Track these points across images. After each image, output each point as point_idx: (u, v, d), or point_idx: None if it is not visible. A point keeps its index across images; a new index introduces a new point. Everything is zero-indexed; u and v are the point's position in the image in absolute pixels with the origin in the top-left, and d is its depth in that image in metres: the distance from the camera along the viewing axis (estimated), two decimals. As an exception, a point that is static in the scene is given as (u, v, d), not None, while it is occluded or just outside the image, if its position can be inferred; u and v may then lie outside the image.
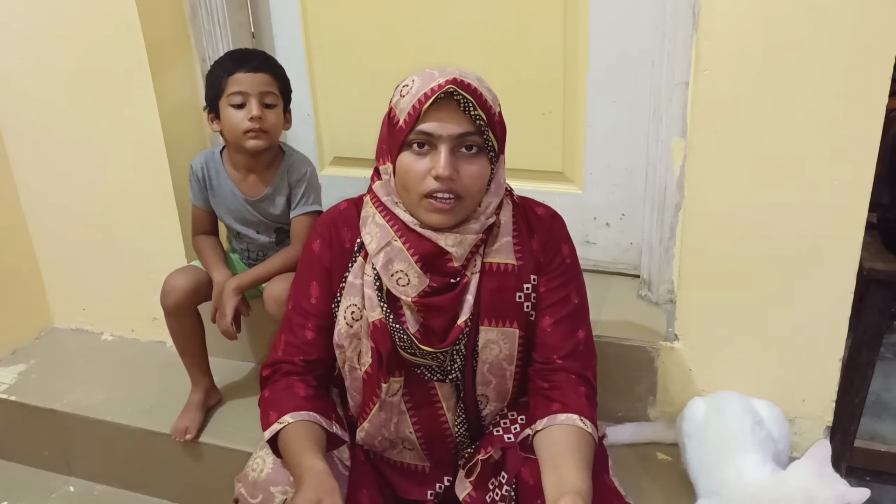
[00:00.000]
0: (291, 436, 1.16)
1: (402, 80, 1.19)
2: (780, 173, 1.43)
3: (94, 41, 1.86)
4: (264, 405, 1.24)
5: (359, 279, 1.24)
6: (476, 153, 1.16)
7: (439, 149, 1.13)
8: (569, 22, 1.75)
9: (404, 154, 1.16)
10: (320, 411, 1.23)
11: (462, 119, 1.13)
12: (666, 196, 1.66)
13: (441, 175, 1.12)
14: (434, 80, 1.13)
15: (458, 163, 1.14)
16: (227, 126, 1.61)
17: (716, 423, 1.45)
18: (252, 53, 1.65)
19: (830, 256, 1.45)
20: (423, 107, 1.12)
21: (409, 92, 1.15)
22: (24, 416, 1.94)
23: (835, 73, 1.34)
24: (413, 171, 1.15)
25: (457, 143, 1.14)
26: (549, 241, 1.27)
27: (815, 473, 1.27)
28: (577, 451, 1.12)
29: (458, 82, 1.12)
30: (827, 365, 1.52)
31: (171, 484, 1.83)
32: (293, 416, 1.18)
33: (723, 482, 1.37)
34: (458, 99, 1.12)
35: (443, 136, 1.13)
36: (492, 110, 1.16)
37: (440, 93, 1.11)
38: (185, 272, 1.70)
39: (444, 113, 1.13)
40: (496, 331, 1.23)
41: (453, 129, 1.13)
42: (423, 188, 1.15)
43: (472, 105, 1.13)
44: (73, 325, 2.26)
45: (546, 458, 1.13)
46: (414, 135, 1.14)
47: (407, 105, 1.14)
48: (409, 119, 1.13)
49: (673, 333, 1.64)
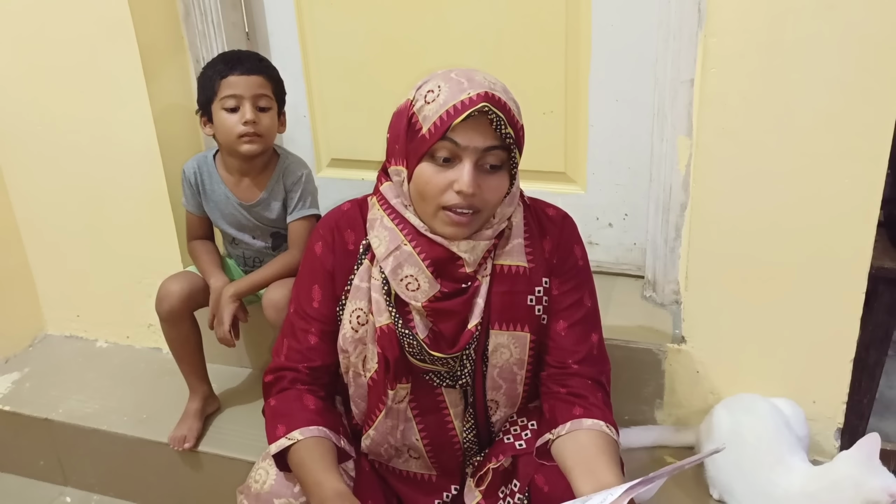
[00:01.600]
0: (307, 453, 1.14)
1: (424, 81, 1.14)
2: (789, 172, 1.41)
3: (86, 42, 1.83)
4: (271, 415, 1.22)
5: (365, 283, 1.22)
6: (498, 169, 1.13)
7: (463, 162, 1.10)
8: (571, 19, 1.73)
9: (425, 164, 1.12)
10: (330, 426, 1.20)
11: (490, 135, 1.10)
12: (671, 195, 1.64)
13: (465, 192, 1.09)
14: (463, 91, 1.08)
15: (480, 177, 1.11)
16: (221, 130, 1.57)
17: (750, 426, 1.42)
18: (245, 55, 1.61)
19: (841, 256, 1.43)
20: (452, 122, 1.07)
21: (436, 100, 1.09)
22: (19, 426, 1.91)
23: (845, 70, 1.32)
24: (434, 183, 1.12)
25: (481, 157, 1.11)
26: (561, 242, 1.25)
27: (863, 463, 1.27)
28: (611, 455, 1.10)
29: (490, 98, 1.07)
30: (838, 366, 1.50)
31: (169, 494, 1.80)
32: (303, 433, 1.16)
33: (772, 483, 1.35)
34: (491, 118, 1.08)
35: (468, 150, 1.09)
36: (518, 124, 1.13)
37: (473, 110, 1.07)
38: (181, 278, 1.67)
39: (472, 129, 1.09)
40: (507, 335, 1.21)
41: (481, 143, 1.09)
42: (442, 201, 1.12)
43: (504, 123, 1.09)
44: (67, 332, 2.23)
45: (577, 462, 1.10)
46: (439, 145, 1.09)
47: (432, 114, 1.09)
48: (434, 130, 1.09)
49: (680, 335, 1.61)
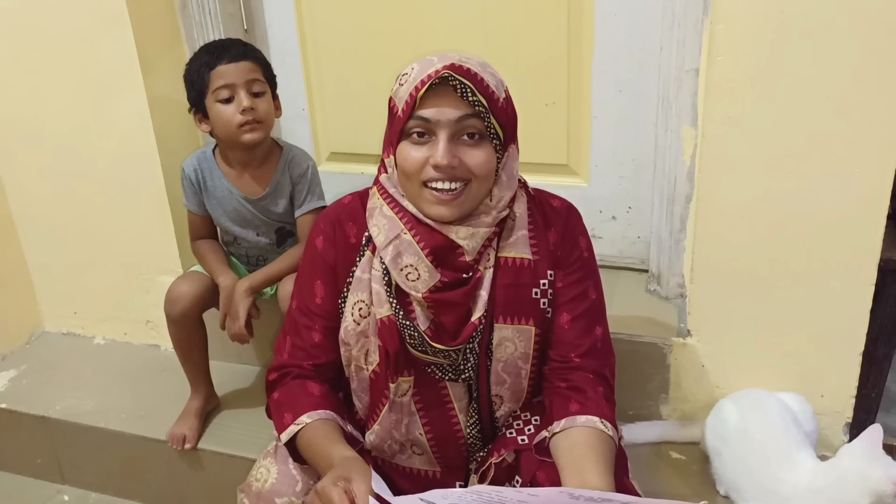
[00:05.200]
0: (314, 433, 1.13)
1: (403, 69, 1.15)
2: (797, 162, 1.38)
3: (81, 35, 1.81)
4: (276, 408, 1.20)
5: (366, 274, 1.20)
6: (479, 140, 1.11)
7: (438, 136, 1.09)
8: (573, 7, 1.71)
9: (403, 144, 1.12)
10: (336, 410, 1.20)
11: (460, 104, 1.09)
12: (676, 187, 1.62)
13: (440, 164, 1.08)
14: (432, 65, 1.09)
15: (458, 150, 1.10)
16: (219, 123, 1.54)
17: (757, 423, 1.40)
18: (228, 43, 1.57)
19: (850, 248, 1.40)
20: (418, 94, 1.08)
21: (408, 80, 1.11)
22: (16, 424, 1.90)
23: (855, 57, 1.29)
24: (411, 159, 1.11)
25: (457, 130, 1.10)
26: (566, 233, 1.23)
27: (867, 455, 1.25)
28: (600, 454, 1.08)
29: (456, 67, 1.08)
30: (847, 359, 1.48)
31: (168, 492, 1.79)
32: (310, 416, 1.15)
33: (779, 480, 1.33)
34: (455, 84, 1.08)
35: (441, 122, 1.09)
36: (494, 95, 1.11)
37: (436, 78, 1.07)
38: (191, 279, 1.64)
39: (442, 99, 1.08)
40: (511, 328, 1.19)
41: (450, 114, 1.09)
42: (422, 176, 1.11)
43: (471, 90, 1.08)
44: (65, 328, 2.21)
45: (567, 462, 1.09)
46: (411, 123, 1.10)
47: (404, 93, 1.10)
48: (405, 107, 1.10)
49: (685, 329, 1.59)
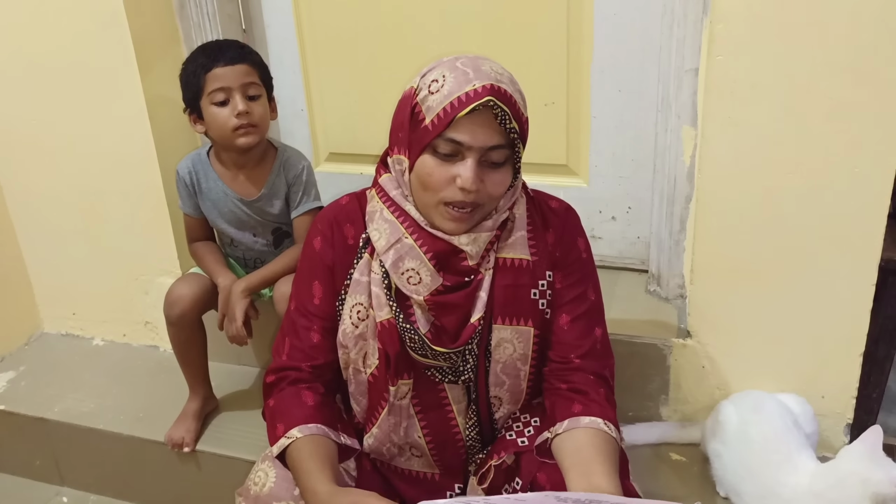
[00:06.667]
0: (298, 454, 1.11)
1: (430, 69, 1.11)
2: (797, 162, 1.38)
3: (79, 35, 1.80)
4: (270, 416, 1.20)
5: (365, 276, 1.19)
6: (503, 164, 1.11)
7: (466, 159, 1.07)
8: (572, 7, 1.70)
9: (427, 157, 1.10)
10: (328, 422, 1.18)
11: (495, 132, 1.07)
12: (676, 187, 1.61)
13: (468, 188, 1.07)
14: (469, 81, 1.05)
15: (483, 174, 1.09)
16: (214, 126, 1.53)
17: (757, 425, 1.40)
18: (225, 44, 1.55)
19: (850, 248, 1.40)
20: (456, 114, 1.04)
21: (440, 90, 1.07)
22: (14, 426, 1.89)
23: (856, 57, 1.28)
24: (436, 176, 1.09)
25: (486, 155, 1.08)
26: (564, 234, 1.22)
27: (867, 457, 1.24)
28: (606, 455, 1.08)
29: (496, 91, 1.04)
30: (847, 360, 1.47)
31: (167, 494, 1.78)
32: (301, 430, 1.14)
33: (780, 482, 1.32)
34: (496, 112, 1.05)
35: (473, 148, 1.07)
36: (523, 118, 1.10)
37: (477, 104, 1.04)
38: (190, 280, 1.64)
39: (478, 124, 1.06)
40: (510, 329, 1.18)
41: (485, 140, 1.07)
42: (443, 196, 1.10)
43: (509, 118, 1.06)
44: (63, 329, 2.21)
45: (573, 464, 1.08)
46: (442, 141, 1.07)
47: (436, 105, 1.07)
48: (437, 122, 1.06)
49: (685, 330, 1.59)
